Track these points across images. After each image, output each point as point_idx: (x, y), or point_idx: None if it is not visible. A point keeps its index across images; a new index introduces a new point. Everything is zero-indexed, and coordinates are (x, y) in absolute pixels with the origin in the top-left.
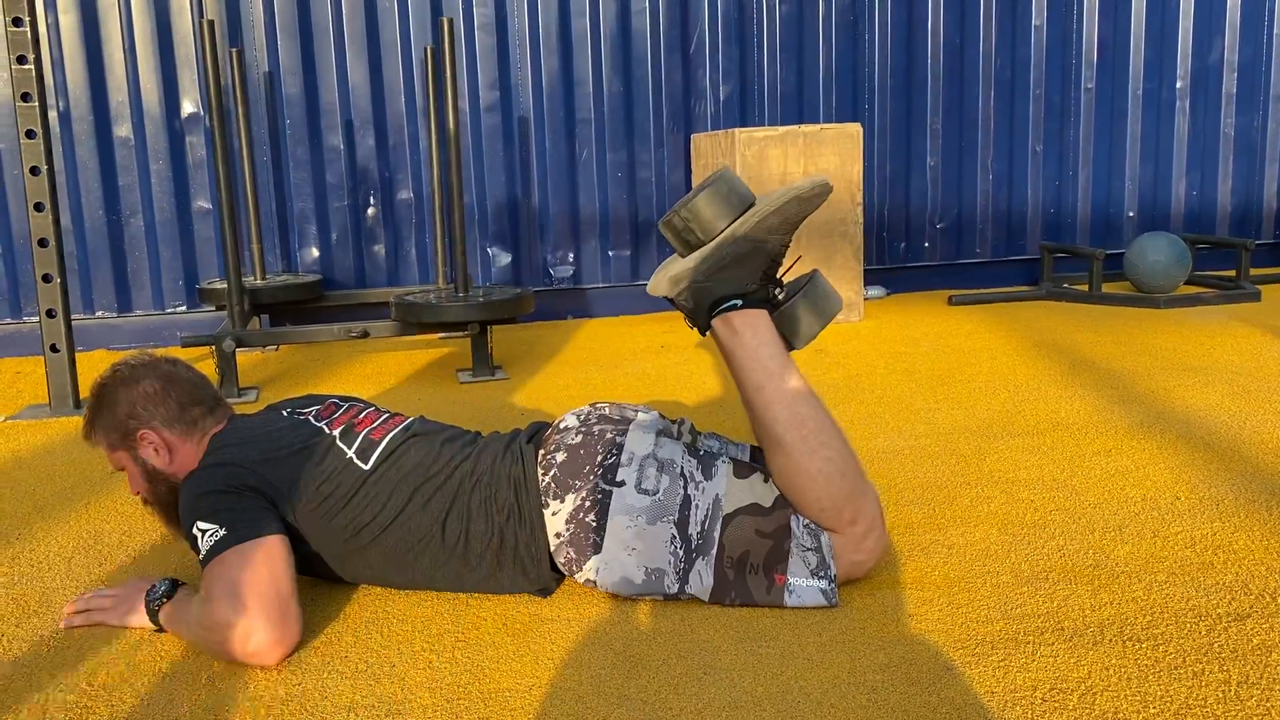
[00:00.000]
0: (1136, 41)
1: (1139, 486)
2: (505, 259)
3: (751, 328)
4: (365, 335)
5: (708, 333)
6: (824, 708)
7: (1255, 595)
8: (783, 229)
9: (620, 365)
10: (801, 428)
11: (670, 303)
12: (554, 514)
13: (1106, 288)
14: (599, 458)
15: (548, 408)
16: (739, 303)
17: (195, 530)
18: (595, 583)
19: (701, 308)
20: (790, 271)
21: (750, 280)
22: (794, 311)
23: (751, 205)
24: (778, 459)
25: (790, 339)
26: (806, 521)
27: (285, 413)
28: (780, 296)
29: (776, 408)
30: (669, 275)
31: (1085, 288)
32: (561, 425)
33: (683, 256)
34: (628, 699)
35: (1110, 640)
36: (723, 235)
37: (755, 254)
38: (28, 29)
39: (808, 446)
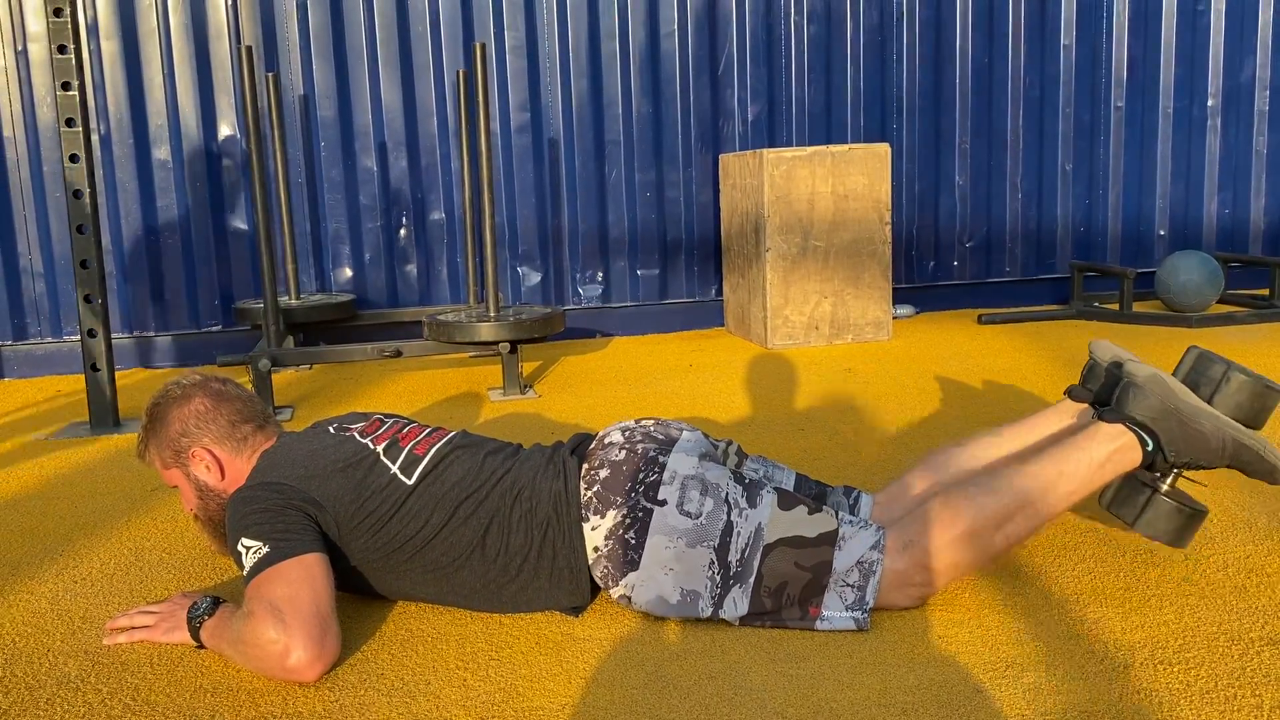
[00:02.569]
0: (1167, 59)
1: None
2: (535, 278)
3: (1122, 461)
4: (398, 354)
5: (1097, 416)
6: None
7: None
8: (1239, 466)
9: (649, 384)
10: (1021, 519)
11: (1110, 368)
12: (594, 529)
13: (1137, 306)
14: (641, 475)
15: (579, 425)
16: (1149, 445)
17: (240, 547)
18: (630, 599)
19: (1128, 410)
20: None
21: (1179, 454)
22: (1173, 514)
23: (1256, 429)
24: (987, 499)
25: (1141, 518)
26: (863, 559)
27: (331, 429)
28: (1165, 487)
29: (1041, 491)
30: (1158, 375)
31: (1116, 307)
32: (606, 440)
33: (1188, 387)
34: (660, 719)
35: (1141, 664)
36: (1227, 423)
37: (1210, 451)
38: (72, 55)
39: (1003, 526)
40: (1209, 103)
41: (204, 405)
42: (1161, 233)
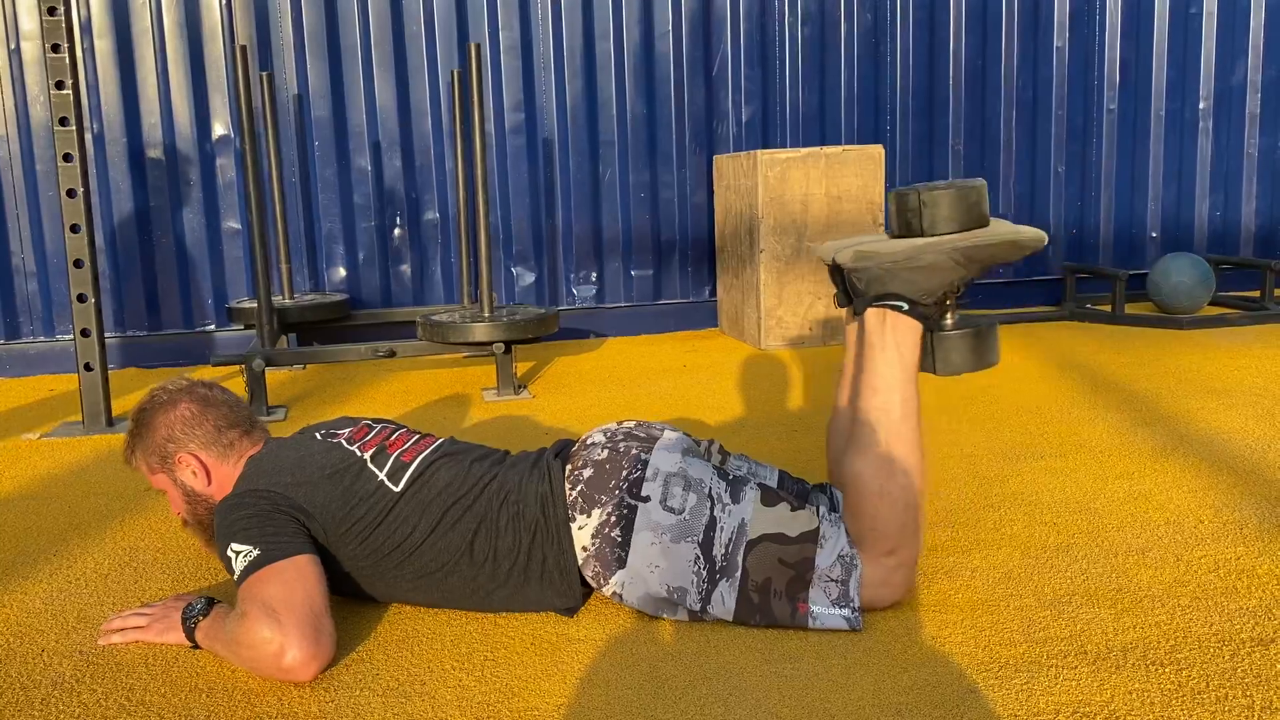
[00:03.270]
0: (1159, 62)
1: (1162, 510)
2: (529, 278)
3: (904, 335)
4: (392, 355)
5: (854, 316)
6: None
7: (1279, 621)
8: (983, 263)
9: (643, 384)
10: (896, 446)
11: (833, 269)
12: (580, 528)
13: (1129, 308)
14: (624, 473)
15: (572, 425)
16: (905, 306)
17: (230, 552)
18: (621, 596)
19: (869, 292)
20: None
21: (929, 293)
22: (959, 342)
23: (981, 227)
24: (858, 463)
25: (937, 363)
26: (843, 553)
27: (318, 436)
28: (949, 322)
29: (883, 416)
30: (860, 248)
31: (1108, 308)
32: (589, 441)
33: (891, 234)
34: (655, 719)
35: (1133, 664)
36: (933, 239)
37: (951, 272)
38: (65, 54)
39: (891, 466)
40: (1200, 105)
41: (190, 411)
42: (1153, 235)
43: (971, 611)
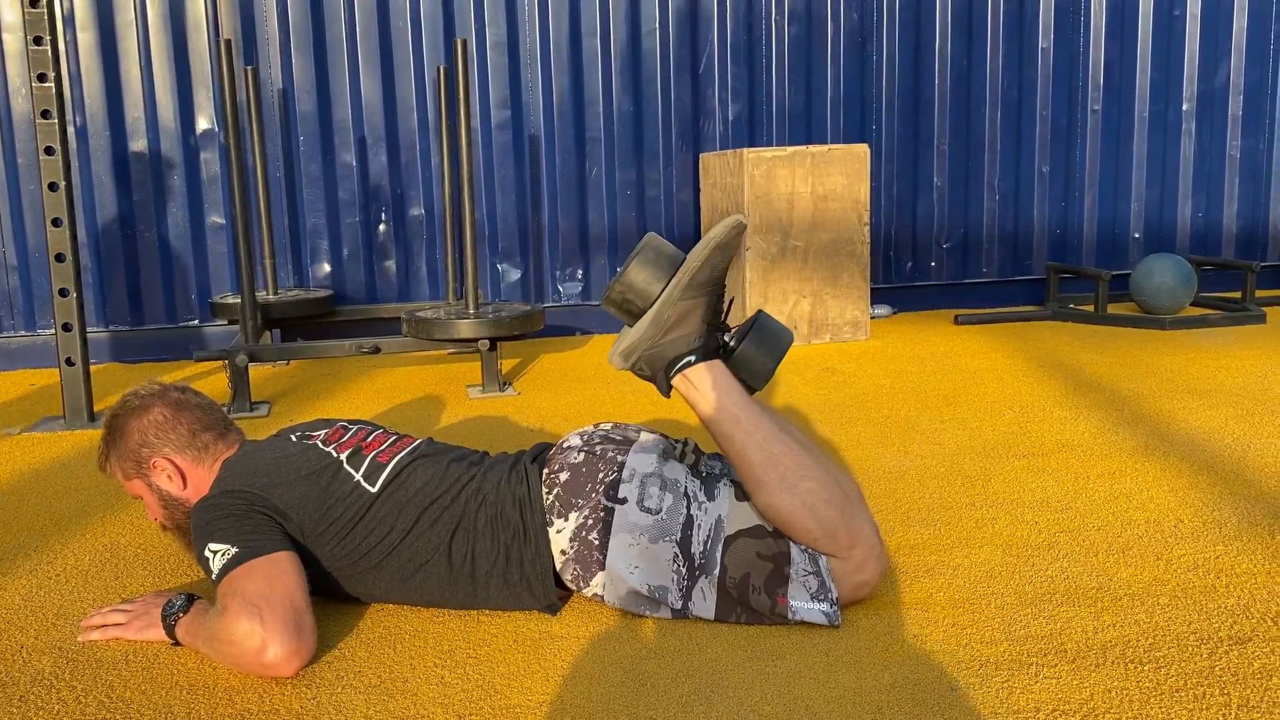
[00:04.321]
0: (1143, 64)
1: (1143, 509)
2: (515, 275)
3: (710, 380)
4: (376, 351)
5: (671, 394)
6: None
7: (1257, 619)
8: (714, 279)
9: (627, 382)
10: (777, 466)
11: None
12: (558, 531)
13: (1112, 308)
14: (601, 475)
15: (557, 423)
16: (693, 359)
17: (207, 552)
18: (602, 598)
19: (660, 372)
20: (732, 315)
21: (696, 336)
22: (745, 354)
23: (682, 263)
24: (761, 498)
25: (749, 381)
26: (805, 547)
27: (294, 438)
28: (731, 342)
29: (750, 452)
30: (620, 350)
31: (1091, 308)
32: (565, 445)
33: (630, 326)
34: (637, 716)
35: (1113, 663)
36: (660, 301)
37: (694, 310)
38: (48, 47)
39: (787, 483)
40: (1184, 107)
41: (163, 415)
42: (1136, 235)
43: (953, 609)
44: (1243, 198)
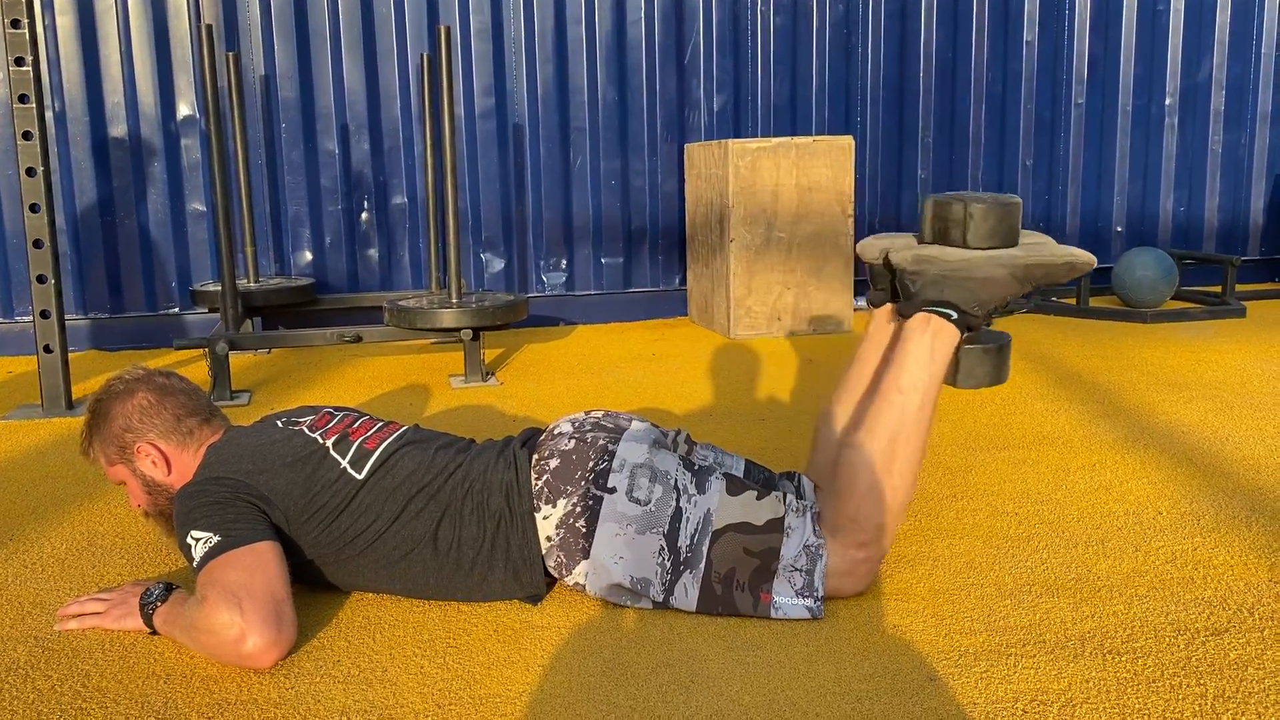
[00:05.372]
0: (1127, 58)
1: (1122, 501)
2: (498, 265)
3: (943, 342)
4: (358, 340)
5: (899, 316)
6: (810, 716)
7: (1233, 610)
8: (1038, 282)
9: (611, 372)
10: (903, 447)
11: (885, 267)
12: (545, 518)
13: (1093, 302)
14: (591, 463)
15: (540, 413)
16: (954, 315)
17: (189, 539)
18: (584, 587)
19: (921, 295)
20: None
21: (981, 305)
22: (983, 356)
23: (1012, 245)
24: (859, 453)
25: (960, 375)
26: (809, 544)
27: (279, 424)
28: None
29: (900, 415)
30: (919, 251)
31: (1073, 301)
32: (556, 431)
33: (924, 239)
34: (616, 706)
35: (1090, 653)
36: (1002, 253)
37: (1005, 287)
38: (26, 31)
39: (891, 465)
40: (1167, 101)
41: (147, 400)
42: (1118, 229)
43: (933, 600)
44: (1224, 192)
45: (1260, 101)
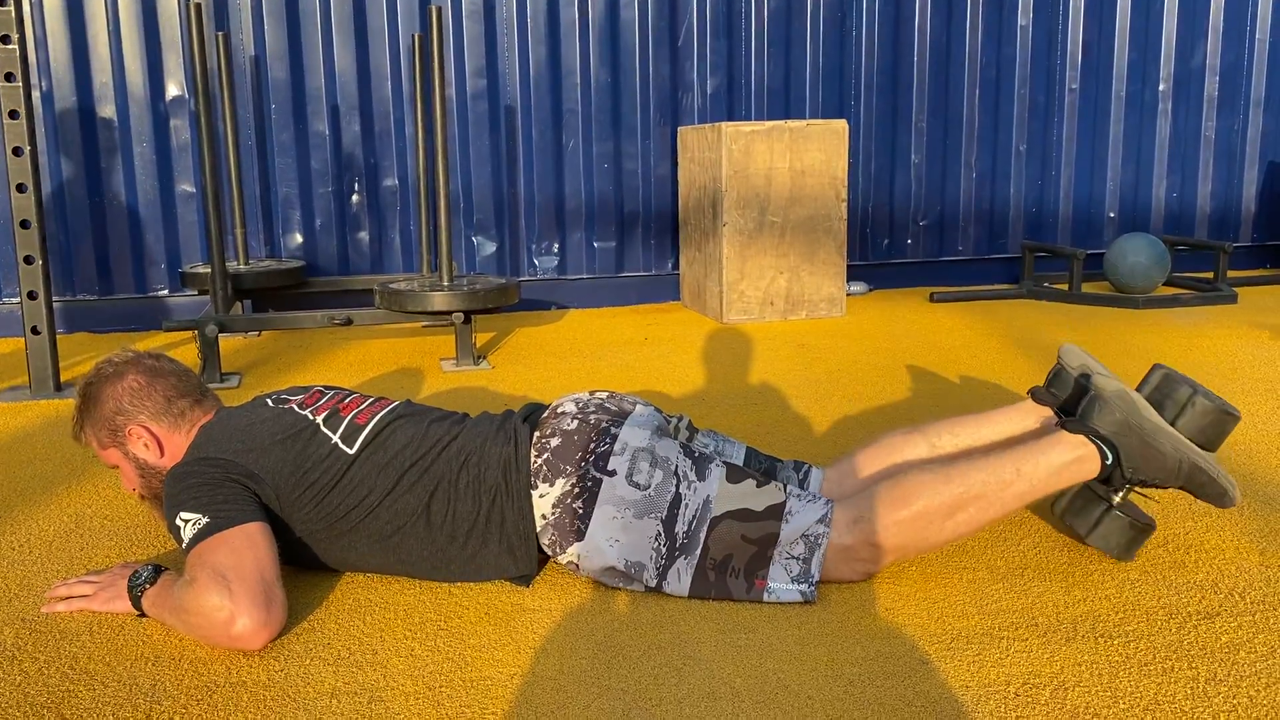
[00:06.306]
0: (1121, 43)
1: None
2: (490, 248)
3: (1079, 472)
4: (349, 323)
5: (1059, 425)
6: (802, 699)
7: (1225, 594)
8: (1188, 485)
9: (603, 356)
10: (973, 510)
11: (1070, 377)
12: (542, 496)
13: (1086, 287)
14: (592, 445)
15: (531, 397)
16: (1109, 459)
17: (179, 521)
18: (577, 566)
19: (1095, 422)
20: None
21: (1134, 469)
22: (1126, 529)
23: (1208, 450)
24: (933, 482)
25: (1095, 531)
26: (809, 532)
27: (270, 402)
28: (1118, 500)
29: (993, 483)
30: (1124, 389)
31: (1065, 287)
32: (559, 409)
33: (1152, 405)
34: (608, 689)
35: (1083, 636)
36: (1189, 444)
37: (1166, 470)
38: (11, 8)
39: (954, 514)
40: (1160, 87)
41: (138, 382)
42: (1111, 215)
43: (925, 584)
44: (1217, 178)
45: (1254, 88)
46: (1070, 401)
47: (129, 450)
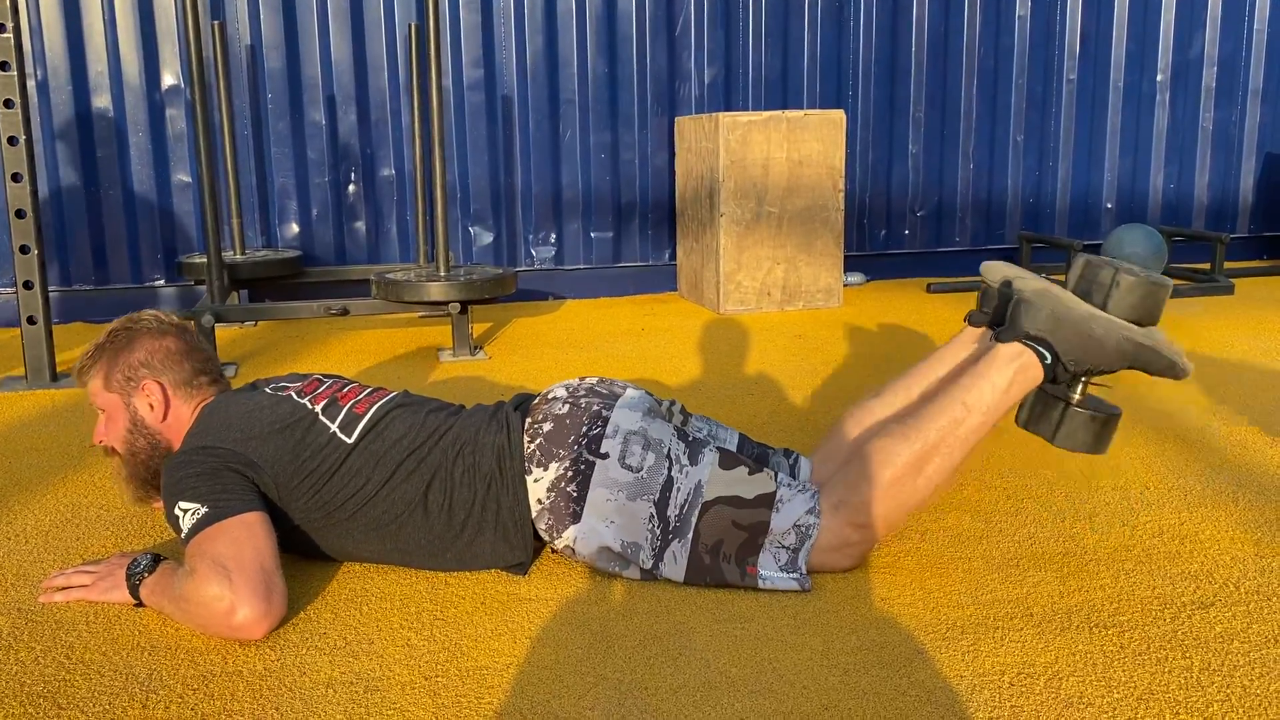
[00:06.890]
0: (1119, 33)
1: (1110, 476)
2: (487, 238)
3: (1025, 380)
4: (345, 313)
5: (993, 338)
6: (797, 688)
7: (1219, 584)
8: (1139, 365)
9: (600, 346)
10: (940, 458)
11: (997, 291)
12: (536, 481)
13: None
14: (584, 428)
15: (528, 386)
16: (1048, 358)
17: (177, 510)
18: (574, 550)
19: (1024, 326)
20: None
21: (1077, 362)
22: (1089, 423)
23: (1150, 324)
24: (897, 445)
25: (1059, 434)
26: (799, 522)
27: (268, 390)
28: (1076, 398)
29: (953, 426)
30: (1044, 286)
31: (1062, 278)
32: (550, 395)
33: (1066, 288)
34: (604, 679)
35: (1077, 626)
36: (1122, 324)
37: (1110, 356)
38: None
39: (923, 468)
40: (1158, 78)
41: (176, 346)
42: (1109, 205)
43: (920, 573)
44: (1214, 169)
45: (1251, 78)
46: (1000, 313)
47: (131, 401)
